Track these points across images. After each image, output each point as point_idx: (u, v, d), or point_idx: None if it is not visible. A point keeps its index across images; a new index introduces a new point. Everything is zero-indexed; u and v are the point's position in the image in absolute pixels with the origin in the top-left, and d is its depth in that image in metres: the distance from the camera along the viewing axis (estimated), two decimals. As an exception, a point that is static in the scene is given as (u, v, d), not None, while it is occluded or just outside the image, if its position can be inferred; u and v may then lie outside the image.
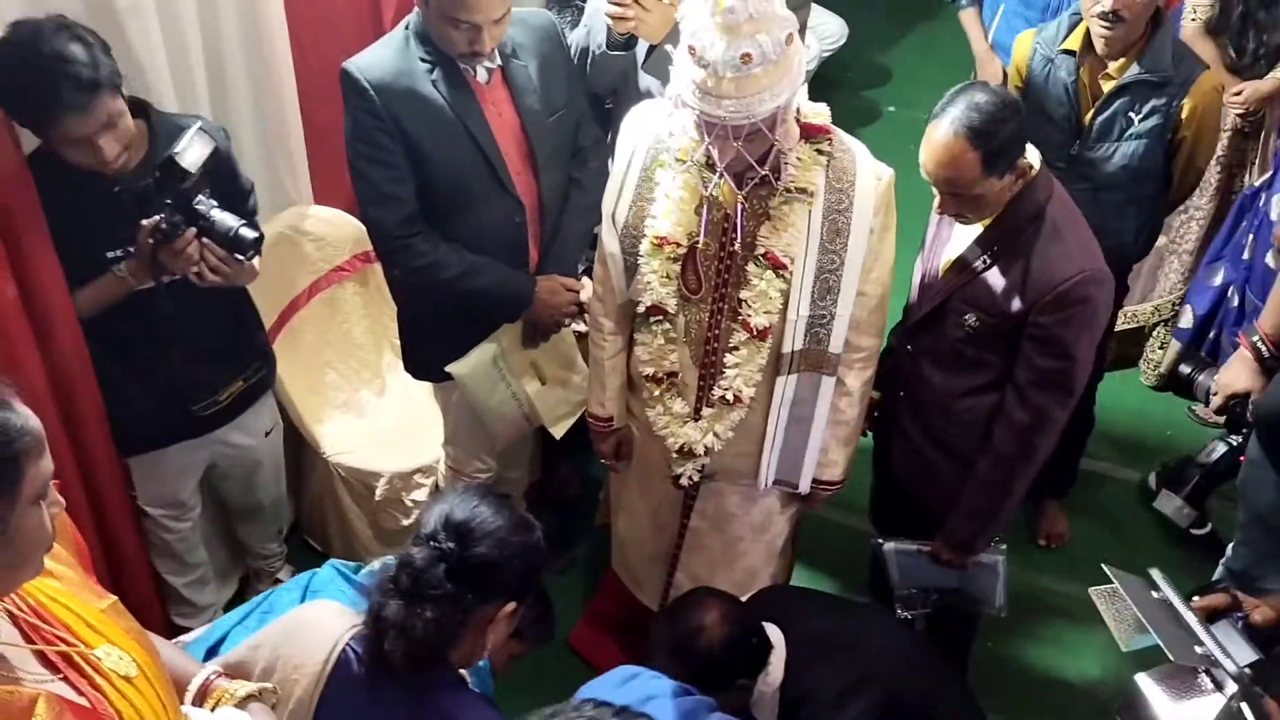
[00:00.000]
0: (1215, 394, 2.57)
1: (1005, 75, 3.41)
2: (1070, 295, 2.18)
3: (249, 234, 2.25)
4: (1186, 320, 3.76)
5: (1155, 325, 3.90)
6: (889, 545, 2.61)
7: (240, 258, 2.29)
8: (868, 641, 2.41)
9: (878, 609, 2.85)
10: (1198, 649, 1.82)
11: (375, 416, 3.33)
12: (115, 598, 1.49)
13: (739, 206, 2.18)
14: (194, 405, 2.53)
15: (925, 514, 2.57)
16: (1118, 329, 3.75)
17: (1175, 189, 2.98)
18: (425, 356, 2.76)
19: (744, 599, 2.49)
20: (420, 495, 3.11)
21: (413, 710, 1.66)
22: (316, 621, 1.74)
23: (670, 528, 2.67)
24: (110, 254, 2.26)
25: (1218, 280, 3.65)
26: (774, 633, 2.35)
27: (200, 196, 2.22)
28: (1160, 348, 3.89)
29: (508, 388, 2.75)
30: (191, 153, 2.16)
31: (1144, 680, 1.83)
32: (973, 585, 2.63)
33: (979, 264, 2.27)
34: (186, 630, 2.30)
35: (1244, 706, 1.71)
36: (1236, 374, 2.56)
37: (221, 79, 2.80)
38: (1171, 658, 1.82)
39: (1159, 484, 2.96)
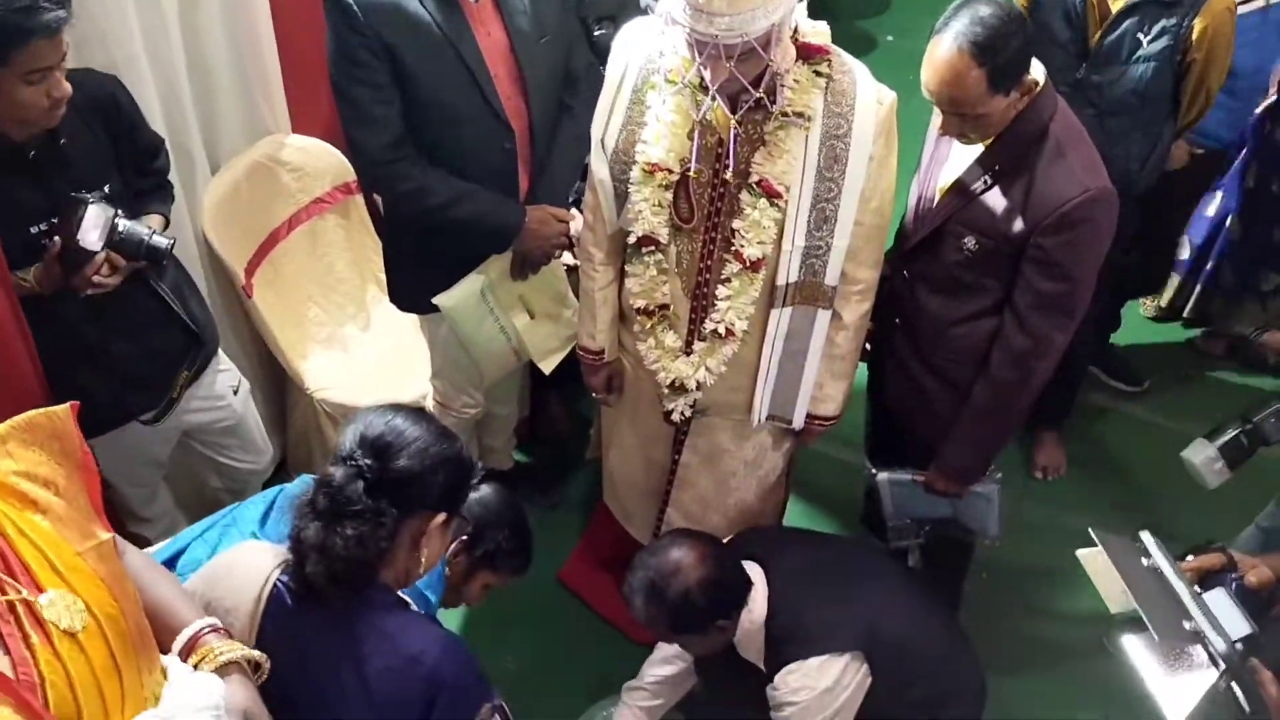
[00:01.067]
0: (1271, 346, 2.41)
1: None
2: (1072, 216, 2.10)
3: (161, 243, 2.21)
4: (1185, 252, 3.69)
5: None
6: (883, 475, 2.57)
7: (156, 265, 2.24)
8: (852, 574, 2.41)
9: (863, 542, 2.83)
10: (1186, 624, 1.72)
11: (359, 351, 3.26)
12: (109, 537, 1.42)
13: (732, 131, 2.10)
14: (150, 413, 2.44)
15: (920, 444, 2.53)
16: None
17: (1184, 113, 2.90)
18: (411, 287, 2.69)
19: (726, 540, 2.47)
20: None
21: (350, 634, 1.61)
22: (243, 562, 1.69)
23: (661, 463, 2.63)
24: (34, 229, 2.14)
25: (1213, 210, 3.58)
26: (754, 571, 2.34)
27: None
28: (1160, 278, 3.84)
29: (496, 321, 2.68)
30: (92, 233, 2.12)
31: (1133, 644, 1.75)
32: (967, 514, 2.60)
33: (979, 185, 2.19)
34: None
35: (1234, 686, 1.62)
36: None
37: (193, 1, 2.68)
38: (1155, 635, 1.72)
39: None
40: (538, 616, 3.03)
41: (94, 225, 2.11)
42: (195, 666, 1.48)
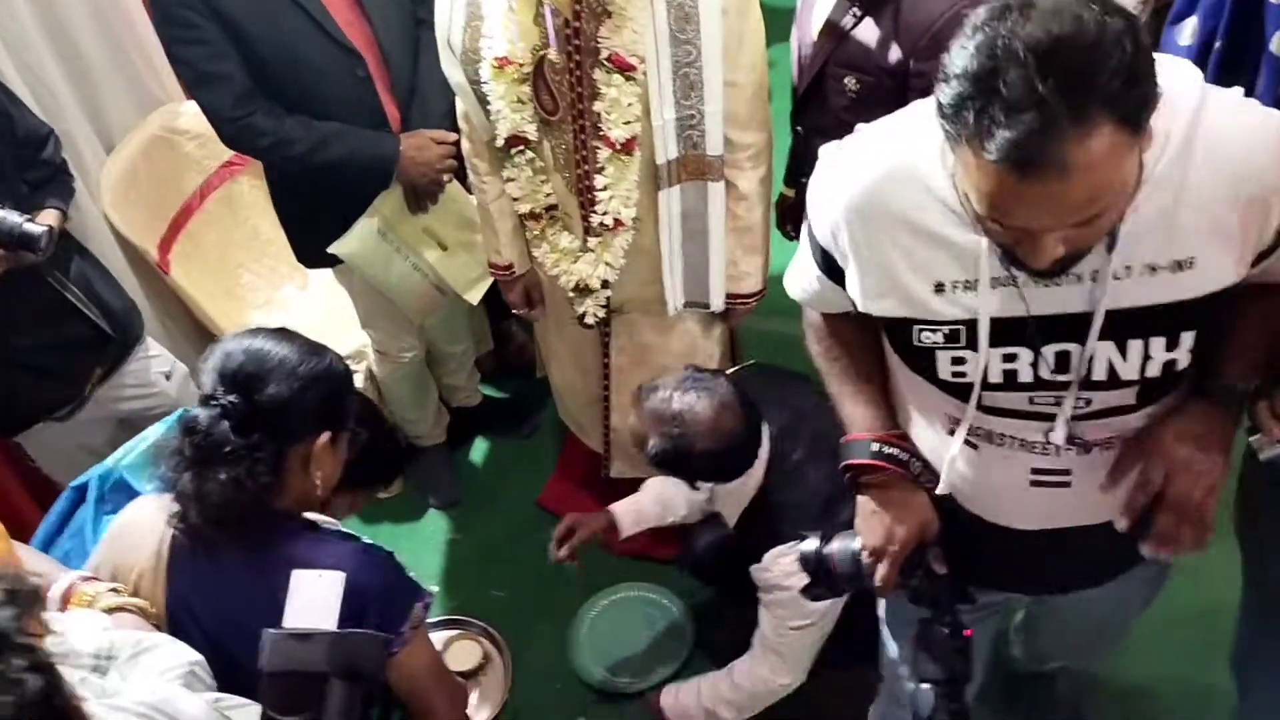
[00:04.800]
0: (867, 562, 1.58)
1: None
2: (945, 34, 1.91)
3: (34, 230, 2.18)
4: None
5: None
6: None
7: (32, 254, 2.20)
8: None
9: None
10: None
11: (301, 310, 3.21)
12: None
13: (547, 6, 1.97)
14: (59, 412, 2.42)
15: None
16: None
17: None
18: (309, 243, 2.59)
19: (732, 371, 2.27)
20: (356, 381, 3.01)
21: (260, 570, 1.55)
22: (134, 522, 1.64)
23: (594, 369, 2.56)
24: None
25: (1188, 39, 3.29)
26: (765, 438, 2.16)
27: None
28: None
29: (405, 259, 2.59)
30: None
31: None
32: None
33: (848, 20, 2.05)
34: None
35: None
36: (890, 520, 1.53)
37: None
38: None
39: None
40: (520, 544, 2.99)
41: None
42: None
